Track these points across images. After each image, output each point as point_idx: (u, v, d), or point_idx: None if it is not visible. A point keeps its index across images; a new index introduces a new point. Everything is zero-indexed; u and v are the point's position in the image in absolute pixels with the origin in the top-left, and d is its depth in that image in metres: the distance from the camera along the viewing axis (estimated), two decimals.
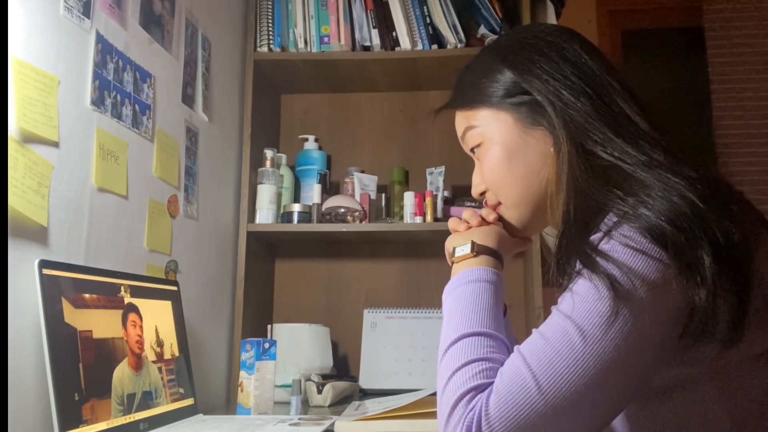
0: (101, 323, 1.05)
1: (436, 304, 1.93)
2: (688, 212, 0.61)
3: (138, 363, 1.13)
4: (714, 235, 0.61)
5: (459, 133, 0.85)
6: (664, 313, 0.60)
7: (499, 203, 0.83)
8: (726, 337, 0.61)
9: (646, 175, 0.66)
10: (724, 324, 0.61)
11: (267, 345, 1.39)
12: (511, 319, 0.93)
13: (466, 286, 0.75)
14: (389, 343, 1.84)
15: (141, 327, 1.16)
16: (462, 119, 0.85)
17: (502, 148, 0.78)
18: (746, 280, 0.62)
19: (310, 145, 2.04)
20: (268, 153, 1.89)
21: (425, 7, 1.90)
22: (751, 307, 0.62)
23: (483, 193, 0.85)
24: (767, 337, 0.65)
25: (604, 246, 0.63)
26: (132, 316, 1.14)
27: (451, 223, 0.88)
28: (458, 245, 0.82)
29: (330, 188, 2.00)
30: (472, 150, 0.84)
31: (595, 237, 0.65)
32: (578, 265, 0.64)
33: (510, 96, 0.78)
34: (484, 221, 0.84)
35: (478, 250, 0.79)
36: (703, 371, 0.64)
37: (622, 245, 0.62)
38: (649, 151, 0.68)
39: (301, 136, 2.07)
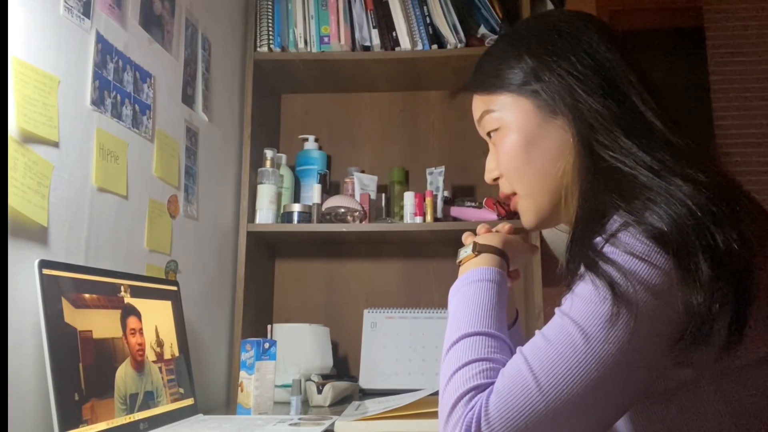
0: (101, 323, 1.05)
1: (436, 304, 1.92)
2: (690, 217, 0.61)
3: (140, 363, 1.13)
4: (714, 240, 0.60)
5: (476, 116, 0.83)
6: (664, 316, 0.60)
7: (514, 193, 0.81)
8: (725, 341, 0.61)
9: (652, 180, 0.65)
10: (723, 328, 0.60)
11: (267, 345, 1.39)
12: (521, 326, 0.94)
13: (468, 286, 0.75)
14: (389, 343, 1.84)
15: (141, 331, 1.16)
16: (480, 102, 0.82)
17: (520, 136, 0.77)
18: (746, 286, 0.61)
19: (310, 145, 2.04)
20: (268, 153, 1.89)
21: (425, 7, 1.90)
22: (751, 311, 0.61)
23: (496, 179, 0.83)
24: None
25: (607, 249, 0.63)
26: (131, 322, 1.13)
27: (464, 235, 0.88)
28: (462, 249, 0.83)
29: (330, 188, 2.00)
30: (488, 134, 0.82)
31: (598, 240, 0.65)
32: (581, 268, 0.64)
33: (529, 84, 0.76)
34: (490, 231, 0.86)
35: (479, 249, 0.80)
36: (706, 375, 0.64)
37: (623, 249, 0.61)
38: (658, 154, 0.67)
39: (301, 136, 2.07)
